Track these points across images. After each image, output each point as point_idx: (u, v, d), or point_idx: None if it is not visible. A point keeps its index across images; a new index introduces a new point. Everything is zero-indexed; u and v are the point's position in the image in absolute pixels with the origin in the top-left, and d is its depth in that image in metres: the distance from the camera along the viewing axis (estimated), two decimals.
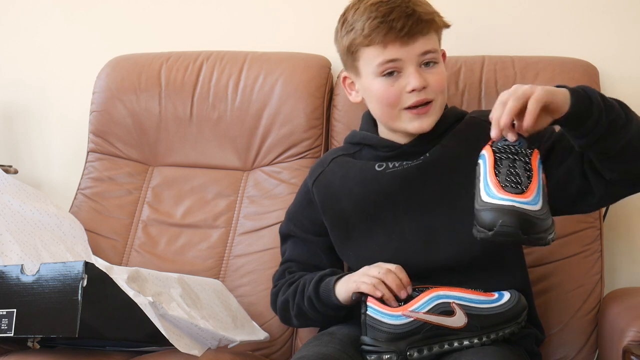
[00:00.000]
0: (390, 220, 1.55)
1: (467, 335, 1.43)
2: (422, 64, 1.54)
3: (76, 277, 1.49)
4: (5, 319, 1.54)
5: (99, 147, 2.10)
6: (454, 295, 1.44)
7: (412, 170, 1.54)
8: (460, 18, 1.97)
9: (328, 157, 1.68)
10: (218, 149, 2.03)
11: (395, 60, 1.52)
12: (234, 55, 2.05)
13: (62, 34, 2.32)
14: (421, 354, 1.43)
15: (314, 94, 1.96)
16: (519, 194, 1.24)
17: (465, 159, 1.49)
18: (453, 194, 1.51)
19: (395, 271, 1.47)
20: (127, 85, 2.08)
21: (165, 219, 2.00)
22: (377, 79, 1.54)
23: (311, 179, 1.66)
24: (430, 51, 1.54)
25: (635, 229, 1.96)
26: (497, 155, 1.29)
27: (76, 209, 2.04)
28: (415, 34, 1.51)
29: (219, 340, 1.64)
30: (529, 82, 1.84)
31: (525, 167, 1.27)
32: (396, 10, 1.51)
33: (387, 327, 1.42)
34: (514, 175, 1.26)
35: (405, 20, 1.50)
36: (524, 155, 1.28)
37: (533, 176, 1.26)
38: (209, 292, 1.75)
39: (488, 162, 1.28)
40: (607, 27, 1.96)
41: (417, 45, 1.52)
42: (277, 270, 1.70)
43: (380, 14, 1.51)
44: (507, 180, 1.25)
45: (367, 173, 1.58)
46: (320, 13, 2.11)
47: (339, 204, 1.59)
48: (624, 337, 1.40)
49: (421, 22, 1.52)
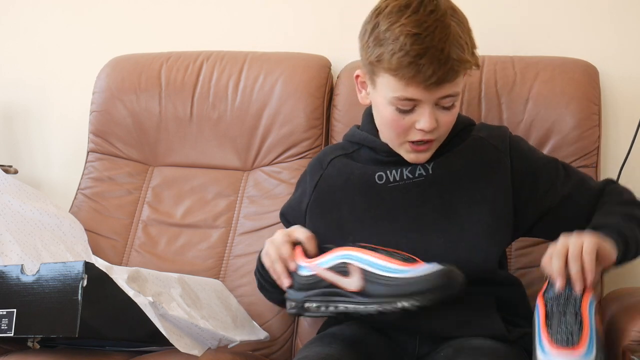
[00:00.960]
0: (387, 234, 1.52)
1: (358, 300, 1.36)
2: (439, 104, 1.46)
3: (76, 277, 1.49)
4: (5, 319, 1.54)
5: (99, 147, 2.10)
6: (360, 257, 1.37)
7: (413, 187, 1.53)
8: None
9: (326, 157, 1.64)
10: (218, 149, 2.03)
11: (413, 100, 1.45)
12: (234, 55, 2.05)
13: (62, 34, 2.32)
14: (318, 310, 1.40)
15: (314, 94, 1.96)
16: (572, 347, 1.24)
17: (468, 179, 1.51)
18: (452, 213, 1.51)
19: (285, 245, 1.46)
20: (127, 85, 2.08)
21: (165, 219, 2.00)
22: (390, 106, 1.47)
23: (312, 182, 1.63)
24: (452, 95, 1.45)
25: None
26: (547, 307, 1.30)
27: (76, 209, 2.04)
28: (443, 82, 1.42)
29: (219, 340, 1.64)
30: (529, 82, 1.85)
31: (575, 315, 1.27)
32: (429, 53, 1.40)
33: (297, 277, 1.43)
34: (565, 324, 1.26)
35: (436, 68, 1.40)
36: (574, 300, 1.29)
37: (584, 325, 1.26)
38: (209, 292, 1.75)
39: (540, 316, 1.29)
40: (607, 27, 1.96)
41: (441, 90, 1.44)
42: None
43: (413, 52, 1.40)
44: (559, 333, 1.25)
45: (369, 185, 1.55)
46: (320, 13, 2.11)
47: (338, 212, 1.57)
48: (624, 337, 1.40)
49: (451, 72, 1.42)
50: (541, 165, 1.56)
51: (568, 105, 1.83)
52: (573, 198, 1.53)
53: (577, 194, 1.54)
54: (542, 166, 1.56)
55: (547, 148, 1.83)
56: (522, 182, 1.53)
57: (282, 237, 1.48)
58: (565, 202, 1.53)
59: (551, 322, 1.27)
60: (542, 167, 1.56)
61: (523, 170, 1.54)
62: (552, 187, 1.53)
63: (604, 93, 1.88)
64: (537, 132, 1.84)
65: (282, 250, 1.46)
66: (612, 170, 1.93)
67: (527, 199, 1.53)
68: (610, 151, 1.94)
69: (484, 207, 1.51)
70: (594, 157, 1.83)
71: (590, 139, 1.83)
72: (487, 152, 1.55)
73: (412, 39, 1.40)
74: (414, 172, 1.54)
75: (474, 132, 1.59)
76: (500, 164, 1.54)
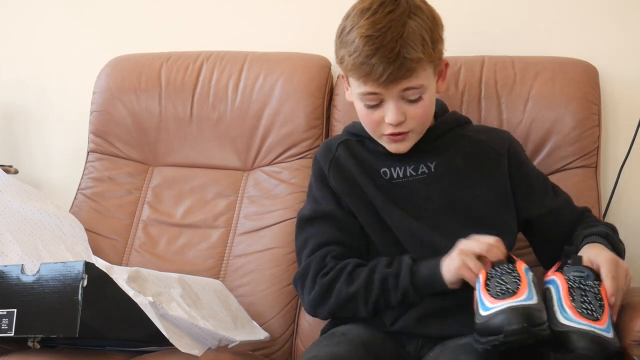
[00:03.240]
0: (407, 212, 1.56)
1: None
2: (404, 97, 1.51)
3: (76, 277, 1.49)
4: (6, 319, 1.54)
5: (99, 147, 2.10)
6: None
7: (417, 184, 1.58)
8: (460, 18, 1.98)
9: (333, 142, 1.67)
10: (218, 149, 2.03)
11: (375, 94, 1.51)
12: (234, 55, 2.06)
13: (62, 34, 2.32)
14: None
15: (314, 94, 1.96)
16: (595, 321, 1.31)
17: (469, 177, 1.58)
18: (457, 204, 1.56)
19: (496, 245, 1.44)
20: (127, 86, 2.08)
21: (165, 219, 2.00)
22: (360, 102, 1.55)
23: (326, 165, 1.63)
24: (413, 87, 1.50)
25: (635, 228, 1.96)
26: (570, 284, 1.36)
27: (76, 209, 2.04)
28: (397, 79, 1.48)
29: (219, 340, 1.64)
30: (529, 82, 1.85)
31: (595, 297, 1.34)
32: (380, 53, 1.46)
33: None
34: (587, 302, 1.33)
35: (386, 66, 1.46)
36: (593, 287, 1.36)
37: (604, 306, 1.34)
38: (209, 292, 1.75)
39: (562, 288, 1.34)
40: (607, 27, 1.96)
41: (399, 85, 1.49)
42: (314, 256, 1.57)
43: (364, 53, 1.47)
44: (583, 308, 1.32)
45: (376, 177, 1.59)
46: (320, 13, 2.11)
47: (360, 189, 1.59)
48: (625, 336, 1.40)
49: (403, 69, 1.47)
50: (535, 175, 1.64)
51: (568, 105, 1.83)
52: (560, 214, 1.60)
53: (563, 211, 1.61)
54: (536, 176, 1.64)
55: (547, 148, 1.83)
56: (517, 186, 1.60)
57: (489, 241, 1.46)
58: (551, 214, 1.59)
59: (574, 297, 1.33)
60: (535, 177, 1.63)
61: (519, 175, 1.61)
62: (543, 197, 1.61)
63: (604, 93, 1.88)
64: (537, 132, 1.84)
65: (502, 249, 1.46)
66: (612, 170, 1.93)
67: (519, 202, 1.59)
68: (610, 151, 1.94)
69: (489, 195, 1.57)
70: (594, 157, 1.84)
71: (590, 139, 1.83)
72: (487, 153, 1.61)
73: (364, 41, 1.48)
74: (417, 169, 1.58)
75: (474, 133, 1.63)
76: (500, 165, 1.60)
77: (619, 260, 1.43)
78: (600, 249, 1.46)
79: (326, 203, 1.60)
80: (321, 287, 1.54)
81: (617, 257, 1.43)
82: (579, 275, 1.37)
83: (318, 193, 1.63)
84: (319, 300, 1.55)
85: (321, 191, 1.62)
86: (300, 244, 1.61)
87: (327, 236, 1.58)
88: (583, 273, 1.38)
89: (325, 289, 1.54)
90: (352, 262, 1.55)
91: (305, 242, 1.60)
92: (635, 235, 1.95)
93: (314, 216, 1.61)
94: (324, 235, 1.58)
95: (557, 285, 1.35)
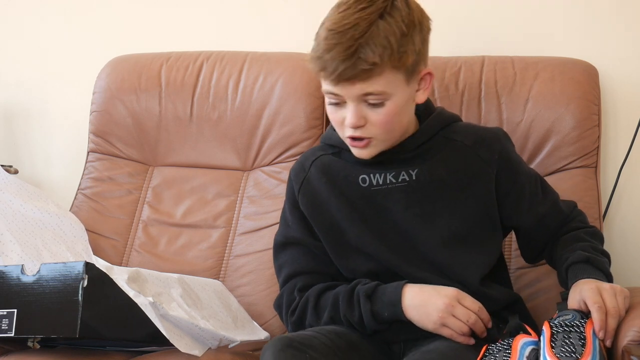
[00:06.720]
0: (376, 232, 1.53)
1: None
2: (365, 101, 1.43)
3: (76, 278, 1.50)
4: (6, 319, 1.54)
5: (99, 147, 2.10)
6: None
7: (396, 192, 1.52)
8: (460, 18, 1.98)
9: (307, 159, 1.61)
10: (218, 149, 2.03)
11: (335, 94, 1.44)
12: (234, 55, 2.06)
13: (62, 34, 2.32)
14: None
15: (314, 94, 1.96)
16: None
17: (449, 190, 1.52)
18: (430, 222, 1.51)
19: (479, 314, 1.45)
20: (127, 86, 2.08)
21: (165, 219, 2.00)
22: (327, 99, 1.48)
23: (297, 186, 1.60)
24: (373, 93, 1.42)
25: (635, 228, 1.96)
26: (553, 330, 1.35)
27: (76, 209, 2.04)
28: (351, 79, 1.40)
29: (219, 340, 1.64)
30: (529, 82, 1.85)
31: (579, 336, 1.33)
32: (336, 49, 1.39)
33: None
34: (568, 345, 1.32)
35: (339, 64, 1.39)
36: (578, 326, 1.35)
37: (587, 343, 1.32)
38: (209, 292, 1.75)
39: (546, 337, 1.34)
40: (607, 28, 1.96)
41: (355, 87, 1.41)
42: (285, 288, 1.57)
43: (322, 47, 1.41)
44: (562, 351, 1.31)
45: (353, 186, 1.54)
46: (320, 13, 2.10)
47: (328, 212, 1.55)
48: (624, 337, 1.39)
49: (356, 69, 1.39)
50: (526, 180, 1.57)
51: (568, 106, 1.83)
52: (546, 221, 1.57)
53: (549, 217, 1.57)
54: (527, 180, 1.57)
55: (547, 148, 1.83)
56: (506, 195, 1.54)
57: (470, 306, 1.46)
58: (538, 223, 1.57)
59: (555, 343, 1.32)
60: (527, 182, 1.57)
61: (509, 182, 1.55)
62: (532, 203, 1.56)
63: (603, 93, 1.88)
64: (537, 132, 1.84)
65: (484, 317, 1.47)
66: (612, 170, 1.93)
67: (507, 212, 1.55)
68: (610, 151, 1.94)
69: (470, 209, 1.52)
70: (594, 157, 1.83)
71: (590, 139, 1.83)
72: (470, 163, 1.53)
73: (326, 34, 1.42)
74: (397, 177, 1.52)
75: (461, 138, 1.55)
76: (484, 175, 1.53)
77: (601, 287, 1.39)
78: (582, 284, 1.42)
79: (296, 228, 1.58)
80: (292, 326, 1.55)
81: (599, 284, 1.40)
82: (564, 319, 1.36)
83: (289, 216, 1.61)
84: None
85: (292, 215, 1.60)
86: (276, 270, 1.61)
87: (295, 266, 1.57)
88: (568, 315, 1.37)
89: (297, 327, 1.54)
90: (313, 291, 1.53)
91: (279, 269, 1.60)
92: (635, 235, 1.96)
93: (285, 242, 1.60)
94: (293, 265, 1.57)
95: (543, 335, 1.35)
